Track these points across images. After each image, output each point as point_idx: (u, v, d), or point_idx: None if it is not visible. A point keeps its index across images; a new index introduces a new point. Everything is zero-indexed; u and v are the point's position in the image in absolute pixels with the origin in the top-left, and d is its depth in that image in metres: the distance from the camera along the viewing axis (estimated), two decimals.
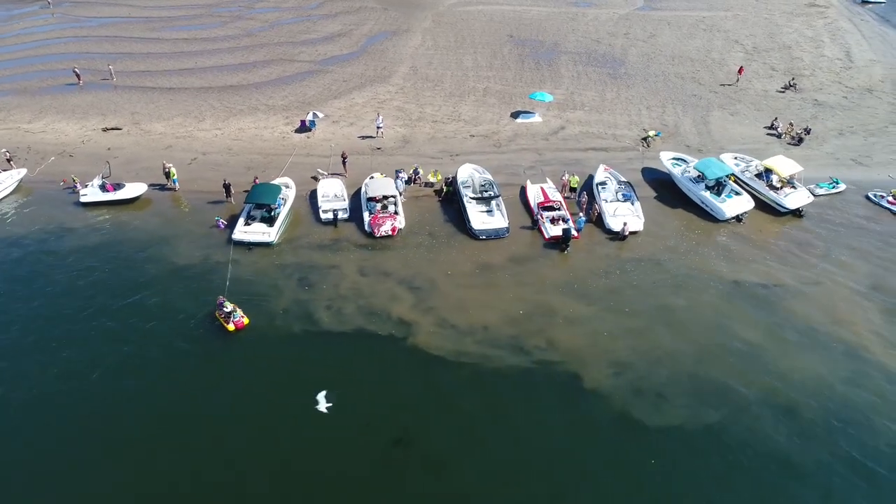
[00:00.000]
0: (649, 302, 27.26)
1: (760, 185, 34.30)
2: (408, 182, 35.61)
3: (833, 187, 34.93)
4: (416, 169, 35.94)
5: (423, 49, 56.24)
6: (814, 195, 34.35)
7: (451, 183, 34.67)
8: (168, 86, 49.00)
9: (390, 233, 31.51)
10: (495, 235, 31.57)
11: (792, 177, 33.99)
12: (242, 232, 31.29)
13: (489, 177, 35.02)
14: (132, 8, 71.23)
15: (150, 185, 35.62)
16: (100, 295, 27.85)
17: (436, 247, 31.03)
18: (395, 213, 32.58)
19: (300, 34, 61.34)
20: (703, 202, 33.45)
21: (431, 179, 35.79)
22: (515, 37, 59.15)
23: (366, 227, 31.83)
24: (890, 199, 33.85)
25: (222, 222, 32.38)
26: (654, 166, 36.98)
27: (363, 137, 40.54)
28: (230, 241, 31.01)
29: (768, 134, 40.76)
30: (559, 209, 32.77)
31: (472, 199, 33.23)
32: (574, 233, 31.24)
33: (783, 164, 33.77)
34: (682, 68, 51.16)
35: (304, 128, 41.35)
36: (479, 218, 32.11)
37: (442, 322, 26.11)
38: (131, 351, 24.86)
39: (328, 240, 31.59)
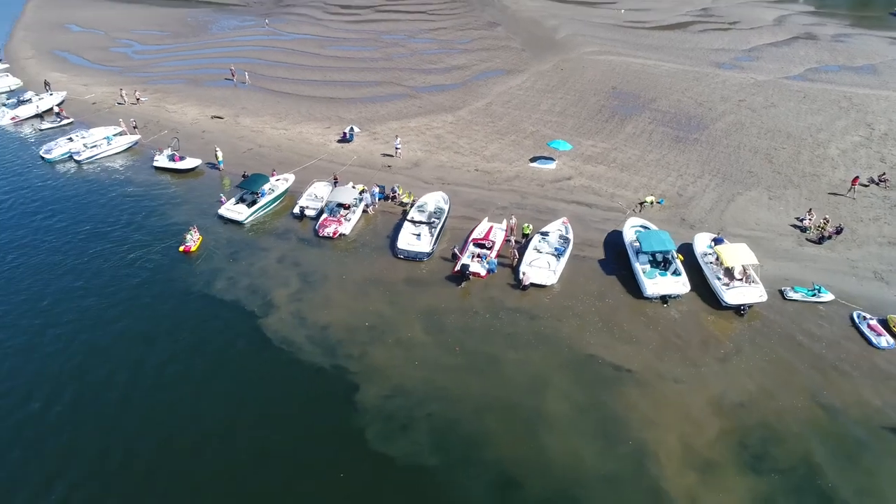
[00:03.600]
0: (487, 349, 27.04)
1: (711, 271, 30.67)
2: (385, 198, 39.02)
3: (813, 295, 29.62)
4: (394, 187, 39.13)
5: (516, 89, 58.39)
6: (784, 298, 29.75)
7: None
8: (286, 91, 58.80)
9: (331, 235, 35.33)
10: (414, 257, 33.42)
11: (747, 269, 29.94)
12: (226, 209, 37.83)
13: (446, 207, 36.71)
14: (327, 29, 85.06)
15: (205, 163, 44.32)
16: (109, 222, 37.32)
17: (358, 255, 34.01)
18: (348, 219, 36.28)
19: (427, 63, 67.70)
20: (635, 274, 31.17)
21: (405, 199, 38.62)
22: (618, 89, 57.99)
23: (315, 227, 36.11)
24: (873, 322, 27.77)
25: (224, 198, 39.31)
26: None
27: (384, 155, 44.79)
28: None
29: (792, 225, 35.34)
30: (490, 248, 33.30)
31: (412, 221, 35.38)
32: (481, 271, 31.73)
33: (731, 253, 29.85)
34: (766, 143, 45.76)
35: (344, 139, 47.05)
36: (406, 238, 34.21)
37: (296, 312, 29.26)
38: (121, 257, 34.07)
39: (284, 229, 36.59)
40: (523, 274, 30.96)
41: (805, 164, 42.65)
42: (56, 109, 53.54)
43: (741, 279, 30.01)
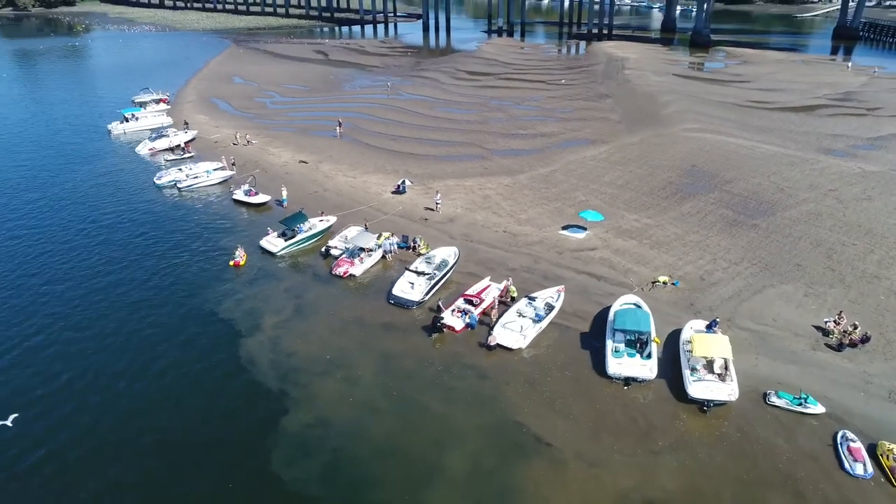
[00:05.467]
0: (421, 398, 27.56)
1: (685, 360, 28.51)
2: (406, 247, 41.21)
3: (798, 403, 26.36)
4: (416, 238, 41.18)
5: (589, 159, 58.26)
6: (766, 402, 26.92)
7: None
8: (374, 144, 64.05)
9: (342, 275, 38.09)
10: (404, 304, 34.94)
11: (728, 364, 27.55)
12: (266, 240, 42.35)
13: (451, 261, 37.88)
14: (443, 92, 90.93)
15: (274, 199, 49.82)
16: (177, 238, 43.83)
17: (357, 295, 36.31)
18: (362, 261, 38.87)
19: (517, 129, 69.90)
20: (605, 351, 29.94)
21: (423, 251, 40.44)
22: (697, 167, 55.56)
23: (332, 265, 39.15)
24: (855, 445, 24.09)
25: (270, 230, 43.95)
26: None
27: (426, 209, 47.16)
28: None
29: (815, 326, 31.63)
30: (476, 305, 33.89)
31: (413, 270, 36.93)
32: (456, 325, 32.41)
33: (705, 343, 27.62)
34: (836, 237, 41.23)
35: (398, 190, 50.30)
36: (401, 286, 35.84)
37: (274, 339, 31.99)
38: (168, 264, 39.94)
39: (306, 265, 40.09)
40: (491, 334, 31.10)
41: (871, 263, 37.85)
42: (182, 145, 63.18)
43: (720, 373, 27.64)
